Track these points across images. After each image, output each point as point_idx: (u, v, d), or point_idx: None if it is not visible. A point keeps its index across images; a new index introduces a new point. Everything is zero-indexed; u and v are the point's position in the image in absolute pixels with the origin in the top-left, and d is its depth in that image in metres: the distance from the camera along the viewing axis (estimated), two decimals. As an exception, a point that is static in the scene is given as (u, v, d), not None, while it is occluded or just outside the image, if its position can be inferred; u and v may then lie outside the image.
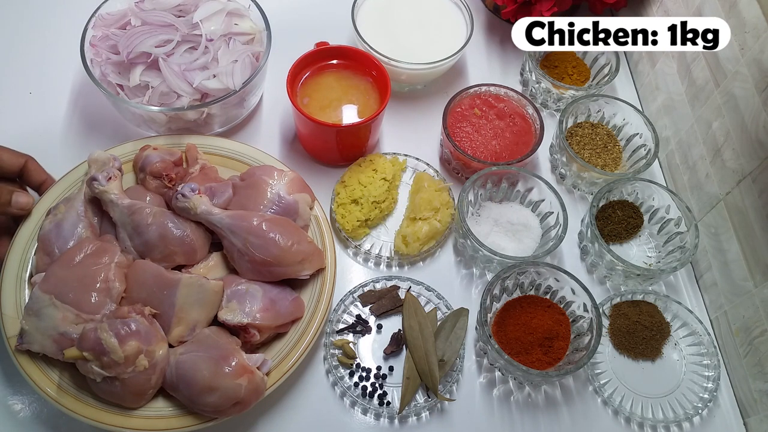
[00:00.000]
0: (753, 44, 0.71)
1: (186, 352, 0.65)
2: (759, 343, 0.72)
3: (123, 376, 0.62)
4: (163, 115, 0.80)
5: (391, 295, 0.78)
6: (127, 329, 0.63)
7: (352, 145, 0.85)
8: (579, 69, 0.95)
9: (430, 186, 0.82)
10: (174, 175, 0.76)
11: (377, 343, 0.76)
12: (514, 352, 0.72)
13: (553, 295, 0.76)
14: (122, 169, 0.77)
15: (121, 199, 0.72)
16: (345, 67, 0.86)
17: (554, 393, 0.75)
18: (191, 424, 0.65)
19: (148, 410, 0.66)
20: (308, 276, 0.72)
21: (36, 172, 0.75)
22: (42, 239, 0.72)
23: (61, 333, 0.64)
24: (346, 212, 0.81)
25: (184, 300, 0.67)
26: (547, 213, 0.81)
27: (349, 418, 0.72)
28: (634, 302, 0.79)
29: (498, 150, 0.86)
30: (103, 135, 0.88)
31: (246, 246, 0.69)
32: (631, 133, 0.88)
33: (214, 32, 0.81)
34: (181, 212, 0.72)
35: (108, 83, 0.80)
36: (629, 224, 0.83)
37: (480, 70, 1.00)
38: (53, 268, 0.68)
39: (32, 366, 0.66)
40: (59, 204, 0.74)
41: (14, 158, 0.74)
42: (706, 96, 0.80)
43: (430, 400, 0.71)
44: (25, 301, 0.69)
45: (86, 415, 0.64)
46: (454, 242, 0.84)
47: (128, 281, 0.69)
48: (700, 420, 0.74)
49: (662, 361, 0.77)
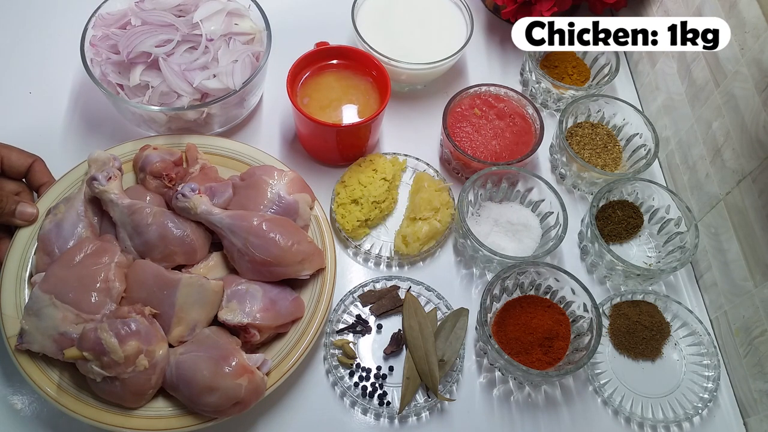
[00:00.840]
0: (753, 44, 0.71)
1: (186, 352, 0.65)
2: (759, 343, 0.72)
3: (123, 376, 0.62)
4: (163, 114, 0.80)
5: (391, 295, 0.78)
6: (127, 329, 0.63)
7: (352, 145, 0.85)
8: (579, 69, 0.95)
9: (430, 186, 0.82)
10: (174, 174, 0.76)
11: (377, 343, 0.76)
12: (514, 352, 0.72)
13: (553, 295, 0.76)
14: (122, 168, 0.77)
15: (121, 199, 0.72)
16: (345, 67, 0.86)
17: (554, 393, 0.75)
18: (191, 424, 0.65)
19: (148, 410, 0.65)
20: (308, 276, 0.72)
21: (40, 174, 0.76)
22: (42, 239, 0.72)
23: (61, 333, 0.64)
24: (346, 212, 0.81)
25: (184, 300, 0.67)
26: (547, 213, 0.81)
27: (349, 418, 0.72)
28: (634, 302, 0.79)
29: (498, 150, 0.86)
30: (103, 135, 0.88)
31: (246, 246, 0.69)
32: (631, 133, 0.88)
33: (214, 32, 0.81)
34: (181, 212, 0.72)
35: (108, 83, 0.80)
36: (629, 224, 0.83)
37: (480, 70, 1.00)
38: (53, 268, 0.68)
39: (32, 366, 0.66)
40: (59, 204, 0.74)
41: (23, 158, 0.74)
42: (706, 96, 0.80)
43: (430, 400, 0.71)
44: (25, 300, 0.69)
45: (86, 414, 0.64)
46: (454, 242, 0.84)
47: (128, 281, 0.69)
48: (700, 420, 0.74)
49: (662, 361, 0.77)
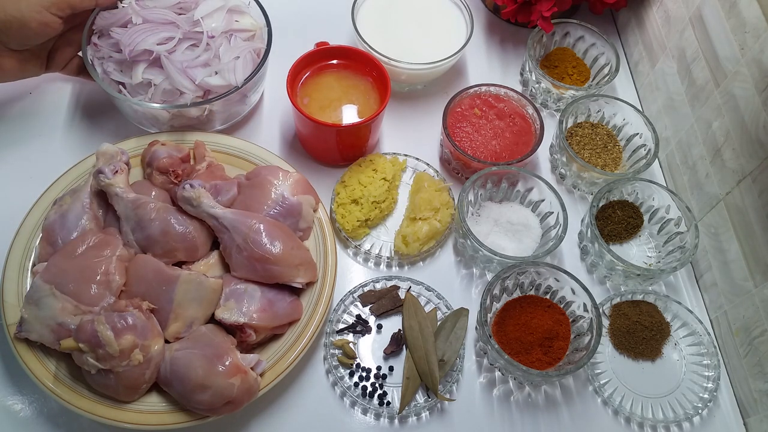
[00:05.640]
0: (753, 44, 0.71)
1: (181, 348, 0.66)
2: (759, 343, 0.71)
3: (117, 369, 0.62)
4: (166, 112, 0.80)
5: (391, 295, 0.78)
6: (124, 323, 0.63)
7: (352, 145, 0.85)
8: (579, 69, 0.95)
9: (430, 186, 0.82)
10: (180, 171, 0.77)
11: (377, 343, 0.75)
12: (514, 352, 0.72)
13: (553, 295, 0.76)
14: (130, 163, 0.77)
15: (126, 193, 0.72)
16: (345, 67, 0.86)
17: (554, 393, 0.75)
18: (183, 420, 0.65)
19: (141, 405, 0.66)
20: (301, 285, 0.72)
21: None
22: (46, 229, 0.72)
23: (59, 323, 0.65)
24: (346, 212, 0.81)
25: (182, 296, 0.67)
26: (547, 213, 0.81)
27: (349, 418, 0.72)
28: (634, 302, 0.79)
29: (498, 150, 0.86)
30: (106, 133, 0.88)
31: (246, 242, 0.69)
32: (631, 133, 0.88)
33: (215, 29, 0.81)
34: (184, 203, 0.72)
35: (110, 81, 0.80)
36: (629, 224, 0.83)
37: (480, 70, 1.00)
38: (55, 259, 0.68)
39: (30, 355, 0.66)
40: (65, 195, 0.74)
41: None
42: (706, 96, 0.81)
43: (430, 400, 0.71)
44: (27, 289, 0.69)
45: (80, 406, 0.64)
46: (454, 242, 0.84)
47: (128, 275, 0.69)
48: (700, 420, 0.74)
49: (662, 361, 0.77)
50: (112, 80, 0.80)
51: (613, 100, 0.89)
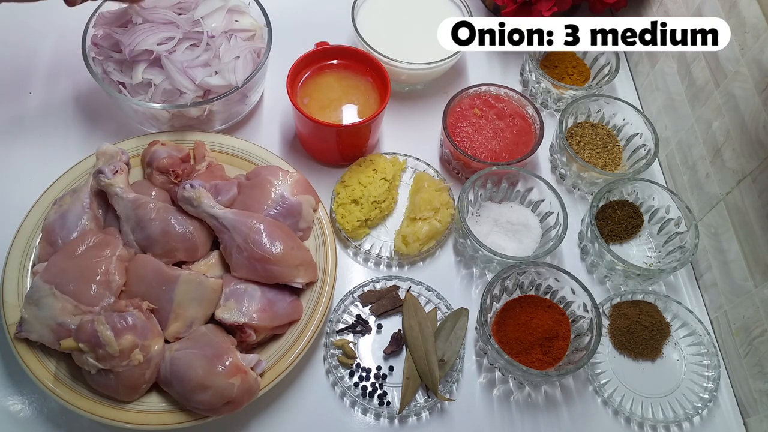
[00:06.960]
0: (753, 44, 0.71)
1: (181, 348, 0.66)
2: (759, 343, 0.71)
3: (117, 369, 0.62)
4: (166, 112, 0.80)
5: (391, 295, 0.78)
6: (124, 323, 0.63)
7: (352, 145, 0.85)
8: (579, 69, 0.95)
9: (430, 186, 0.82)
10: (180, 171, 0.77)
11: (377, 343, 0.75)
12: (514, 352, 0.72)
13: (553, 295, 0.76)
14: (130, 163, 0.77)
15: (126, 193, 0.72)
16: (345, 67, 0.86)
17: (554, 393, 0.75)
18: (183, 420, 0.65)
19: (141, 405, 0.66)
20: (301, 285, 0.72)
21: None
22: (46, 229, 0.72)
23: (59, 323, 0.65)
24: (346, 212, 0.81)
25: (182, 296, 0.67)
26: (547, 213, 0.81)
27: (349, 418, 0.72)
28: (634, 302, 0.79)
29: (498, 150, 0.86)
30: (106, 133, 0.88)
31: (247, 242, 0.69)
32: (631, 133, 0.88)
33: (216, 29, 0.81)
34: (185, 202, 0.72)
35: (110, 81, 0.80)
36: (629, 224, 0.83)
37: (480, 70, 1.00)
38: (55, 259, 0.68)
39: (30, 355, 0.66)
40: (65, 195, 0.74)
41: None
42: (706, 96, 0.81)
43: (430, 400, 0.71)
44: (27, 289, 0.69)
45: (80, 406, 0.64)
46: (454, 242, 0.84)
47: (128, 275, 0.69)
48: (700, 420, 0.74)
49: (662, 361, 0.77)
50: (112, 80, 0.80)
51: (613, 100, 0.89)
